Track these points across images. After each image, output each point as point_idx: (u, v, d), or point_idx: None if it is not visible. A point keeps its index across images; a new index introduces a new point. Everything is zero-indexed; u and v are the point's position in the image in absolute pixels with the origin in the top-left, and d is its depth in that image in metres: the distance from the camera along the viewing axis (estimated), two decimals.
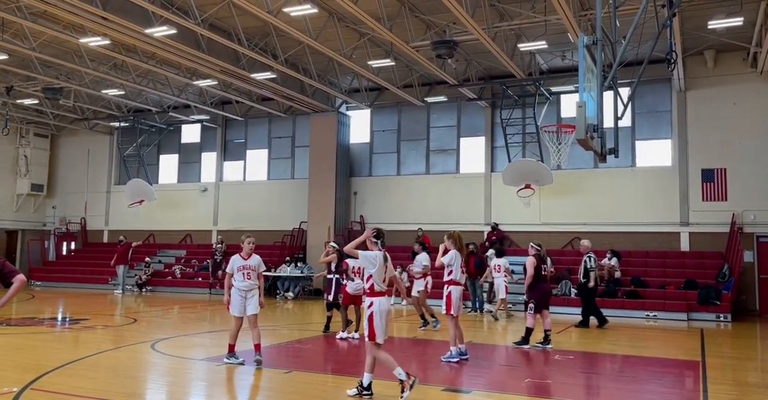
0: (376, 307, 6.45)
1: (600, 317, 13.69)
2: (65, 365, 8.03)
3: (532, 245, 10.76)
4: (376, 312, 6.43)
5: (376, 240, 6.69)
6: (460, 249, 8.93)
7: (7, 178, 27.59)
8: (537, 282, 10.44)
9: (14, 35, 17.05)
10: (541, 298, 10.50)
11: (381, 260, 6.57)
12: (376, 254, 6.60)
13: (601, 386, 7.58)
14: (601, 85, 8.95)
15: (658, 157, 19.52)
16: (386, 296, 6.63)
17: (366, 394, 6.42)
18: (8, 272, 4.91)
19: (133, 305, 17.78)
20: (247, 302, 8.24)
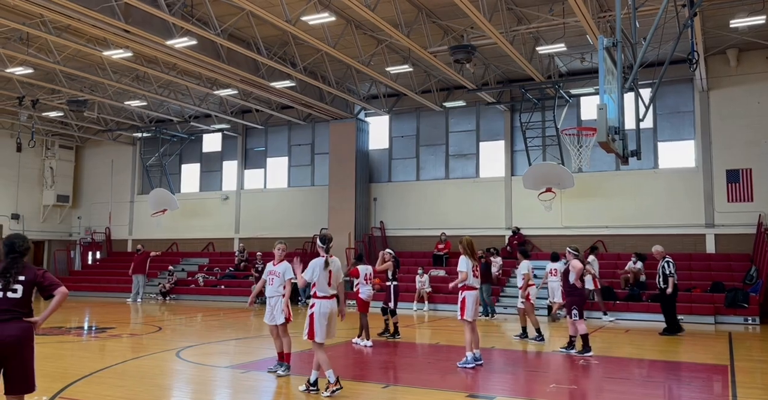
0: (317, 308, 6.91)
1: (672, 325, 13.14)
2: (93, 373, 8.14)
3: (569, 250, 10.58)
4: (317, 313, 6.90)
5: (322, 245, 7.16)
6: (472, 255, 8.90)
7: (33, 189, 28.11)
8: (576, 287, 10.31)
9: (39, 49, 17.41)
10: (582, 303, 10.36)
11: (321, 265, 6.99)
12: (317, 260, 7.06)
13: (628, 391, 7.47)
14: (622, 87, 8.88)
15: (681, 158, 19.28)
16: (332, 300, 7.03)
17: (312, 390, 6.92)
18: (48, 285, 4.79)
19: (158, 314, 17.96)
20: (273, 310, 8.20)
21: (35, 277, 4.76)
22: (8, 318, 4.58)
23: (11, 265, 4.70)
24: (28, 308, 4.73)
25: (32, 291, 4.77)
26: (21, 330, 4.60)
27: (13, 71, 18.40)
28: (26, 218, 27.32)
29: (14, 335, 4.54)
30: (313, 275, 6.99)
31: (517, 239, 20.38)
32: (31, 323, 4.69)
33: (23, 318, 4.66)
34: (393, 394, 7.22)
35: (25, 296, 4.70)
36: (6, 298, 4.61)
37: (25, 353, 4.60)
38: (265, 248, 24.65)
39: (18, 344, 4.55)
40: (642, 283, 17.43)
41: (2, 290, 4.62)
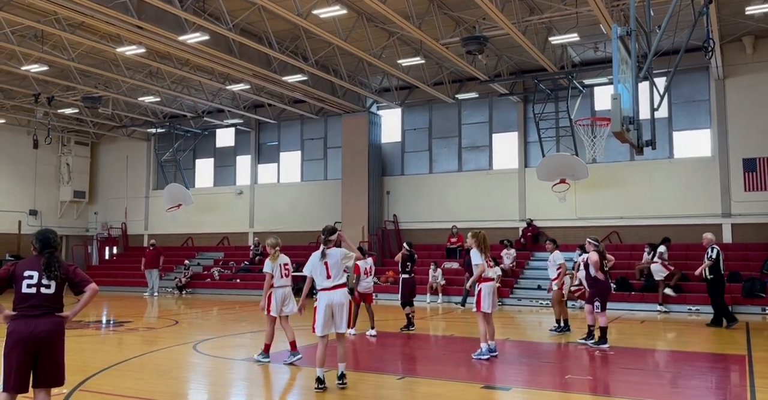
0: (318, 301, 6.95)
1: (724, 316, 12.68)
2: (111, 366, 8.26)
3: (589, 241, 10.41)
4: (318, 306, 6.91)
5: (322, 236, 7.17)
6: (485, 248, 8.90)
7: (50, 186, 28.44)
8: (598, 279, 10.24)
9: (54, 47, 17.56)
10: (605, 295, 10.27)
11: (318, 257, 7.02)
12: (314, 252, 7.13)
13: (644, 382, 7.45)
14: (636, 76, 8.80)
15: (696, 147, 19.09)
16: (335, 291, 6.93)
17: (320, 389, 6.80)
18: (80, 281, 4.86)
19: (174, 308, 18.14)
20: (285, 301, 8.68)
21: (67, 273, 4.83)
22: (41, 313, 4.66)
23: (51, 260, 4.76)
24: (60, 303, 4.80)
25: (64, 286, 4.84)
26: (53, 325, 4.69)
27: (29, 69, 18.58)
28: (44, 214, 27.67)
29: (47, 330, 4.63)
30: (311, 268, 7.03)
31: (530, 230, 20.32)
32: (62, 318, 4.77)
33: (55, 313, 4.74)
34: (408, 385, 7.26)
35: (58, 292, 4.77)
36: (39, 293, 4.68)
37: (56, 347, 4.70)
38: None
39: (50, 339, 4.65)
40: None
41: (36, 286, 4.68)
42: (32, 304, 4.66)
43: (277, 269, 8.60)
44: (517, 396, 6.85)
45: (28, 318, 4.64)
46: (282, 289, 8.62)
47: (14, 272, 4.73)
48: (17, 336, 4.59)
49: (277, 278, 8.59)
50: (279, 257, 8.64)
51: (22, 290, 4.68)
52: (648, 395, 6.70)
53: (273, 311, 8.50)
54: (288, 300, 8.64)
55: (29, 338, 4.58)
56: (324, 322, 6.84)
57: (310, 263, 7.04)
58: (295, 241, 24.41)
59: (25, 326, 4.61)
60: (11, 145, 26.73)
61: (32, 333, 4.59)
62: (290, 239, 24.66)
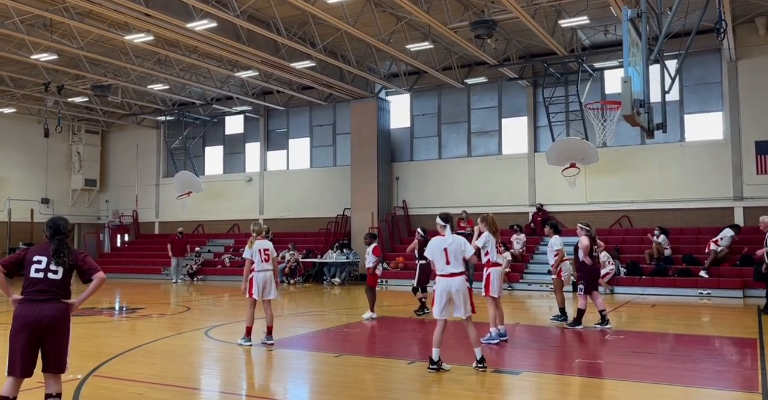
0: (437, 286, 7.06)
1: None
2: (125, 352, 8.37)
3: (581, 226, 10.36)
4: (436, 291, 7.05)
5: (444, 224, 7.21)
6: (495, 232, 8.91)
7: (62, 174, 28.65)
8: (585, 263, 10.26)
9: (62, 35, 17.59)
10: (592, 279, 10.31)
11: (439, 243, 7.10)
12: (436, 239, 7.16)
13: (655, 365, 7.46)
14: (647, 59, 8.72)
15: (708, 130, 18.91)
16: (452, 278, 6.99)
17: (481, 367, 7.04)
18: (88, 269, 4.88)
19: (186, 294, 18.31)
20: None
21: (76, 260, 4.86)
22: (47, 298, 4.70)
23: (61, 246, 4.81)
24: (66, 289, 4.83)
25: (72, 274, 4.88)
26: (58, 310, 4.72)
27: (39, 58, 18.63)
28: (56, 202, 27.89)
29: (52, 315, 4.67)
30: (431, 252, 7.13)
31: (541, 215, 20.27)
32: (68, 305, 4.81)
33: (61, 299, 4.78)
34: (418, 370, 7.30)
35: (65, 278, 4.80)
36: (47, 279, 4.73)
37: (60, 334, 4.72)
38: (289, 228, 24.92)
39: (54, 324, 4.67)
40: (668, 257, 17.26)
41: (44, 271, 4.73)
42: (39, 289, 4.71)
43: (257, 254, 8.78)
44: (528, 380, 6.89)
45: (33, 302, 4.68)
46: (263, 273, 8.83)
47: (24, 257, 4.80)
48: (22, 320, 4.64)
49: (257, 262, 8.80)
50: (255, 243, 8.85)
51: (30, 274, 4.74)
52: (659, 378, 6.72)
53: (255, 294, 8.78)
54: (269, 284, 8.85)
55: (34, 323, 4.62)
56: (442, 306, 6.99)
57: (431, 247, 7.14)
58: (305, 227, 24.55)
59: (30, 310, 4.65)
60: (22, 134, 26.90)
61: (37, 318, 4.63)
62: (300, 226, 24.83)
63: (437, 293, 7.03)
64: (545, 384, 6.77)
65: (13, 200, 26.15)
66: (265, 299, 8.89)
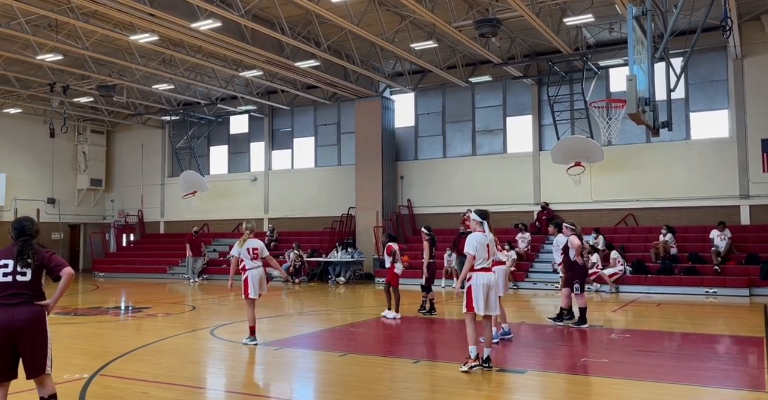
0: (473, 281, 6.99)
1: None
2: (131, 351, 8.39)
3: (566, 225, 10.37)
4: (474, 285, 6.97)
5: (481, 220, 7.26)
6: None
7: (68, 174, 28.75)
8: (576, 262, 10.30)
9: (68, 36, 17.64)
10: (583, 277, 10.41)
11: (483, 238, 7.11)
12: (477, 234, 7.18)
13: (661, 364, 7.44)
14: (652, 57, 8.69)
15: (714, 128, 18.83)
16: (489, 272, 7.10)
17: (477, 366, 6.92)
18: (54, 266, 4.70)
19: (191, 293, 18.35)
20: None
21: (42, 259, 4.70)
22: (19, 302, 4.55)
23: (24, 248, 4.65)
24: (38, 290, 4.68)
25: (42, 274, 4.72)
26: (31, 313, 4.56)
27: (44, 58, 18.69)
28: (62, 202, 27.99)
29: (24, 319, 4.52)
30: (476, 247, 7.05)
31: (546, 214, 20.23)
32: (42, 306, 4.66)
33: (34, 302, 4.62)
34: (423, 369, 7.31)
35: (35, 279, 4.65)
36: (16, 281, 4.57)
37: (36, 337, 4.57)
38: (294, 227, 24.95)
39: (28, 328, 4.53)
40: (674, 256, 17.22)
41: (12, 274, 4.58)
42: (10, 293, 4.56)
43: (245, 252, 8.83)
44: (533, 379, 6.88)
45: (5, 307, 4.53)
46: (255, 270, 8.87)
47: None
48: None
49: (248, 261, 8.84)
50: (246, 242, 8.88)
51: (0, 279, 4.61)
52: (665, 377, 6.70)
53: (251, 294, 8.84)
54: (263, 280, 8.92)
55: (7, 327, 4.48)
56: (483, 301, 6.93)
57: (474, 243, 7.05)
58: (310, 226, 24.56)
59: (3, 314, 4.51)
60: (28, 134, 27.00)
61: (9, 322, 4.49)
62: (305, 225, 24.85)
63: (476, 288, 6.96)
64: (551, 383, 6.76)
65: (20, 199, 26.24)
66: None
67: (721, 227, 16.81)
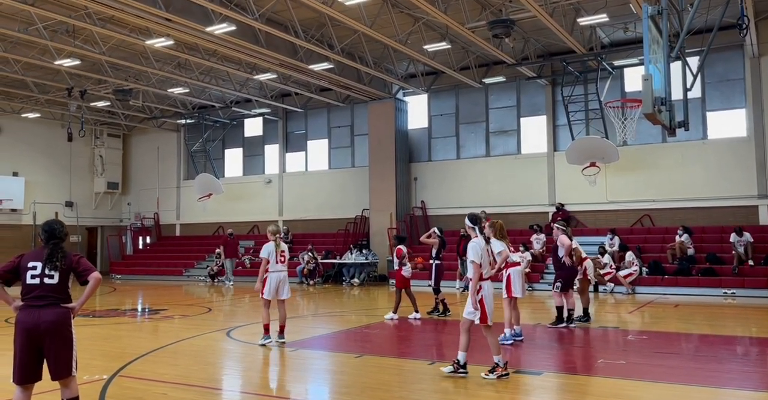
0: (486, 291, 6.71)
1: None
2: (148, 353, 8.47)
3: (557, 226, 10.40)
4: (487, 296, 6.72)
5: (473, 225, 6.92)
6: (502, 238, 8.76)
7: (85, 177, 29.07)
8: (564, 262, 10.29)
9: (85, 41, 17.86)
10: (569, 278, 10.40)
11: (484, 245, 6.79)
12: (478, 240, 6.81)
13: (679, 366, 7.38)
14: (668, 56, 8.63)
15: (731, 127, 18.64)
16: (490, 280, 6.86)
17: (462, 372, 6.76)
18: (83, 271, 4.77)
19: (207, 295, 18.47)
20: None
21: (71, 263, 4.77)
22: (45, 304, 4.62)
23: (54, 251, 4.72)
24: (65, 293, 4.75)
25: (69, 277, 4.79)
26: (57, 315, 4.63)
27: (62, 63, 18.93)
28: (79, 206, 28.32)
29: (50, 321, 4.59)
30: (481, 254, 6.71)
31: (561, 215, 20.11)
32: (68, 309, 4.73)
33: (60, 304, 4.69)
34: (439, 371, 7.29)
35: (62, 282, 4.71)
36: (43, 283, 4.65)
37: (60, 338, 4.63)
38: (308, 229, 25.03)
39: (54, 330, 4.60)
40: (691, 257, 17.05)
41: (40, 276, 4.66)
42: (37, 294, 4.64)
43: (274, 254, 8.91)
44: (550, 381, 6.85)
45: (32, 308, 4.62)
46: (277, 273, 8.95)
47: (20, 264, 4.72)
48: (21, 326, 4.60)
49: (273, 263, 8.91)
50: (280, 245, 9.01)
51: (27, 280, 4.67)
52: (683, 379, 6.65)
53: (267, 294, 8.91)
54: (283, 285, 8.97)
55: (32, 329, 4.57)
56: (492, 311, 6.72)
57: (477, 249, 6.69)
58: (324, 228, 24.63)
59: (29, 316, 4.60)
60: (47, 138, 27.35)
61: (35, 323, 4.57)
62: (319, 227, 24.92)
63: (489, 298, 6.74)
64: (567, 385, 6.73)
65: (38, 203, 26.58)
66: (280, 299, 9.00)
67: (738, 232, 16.54)
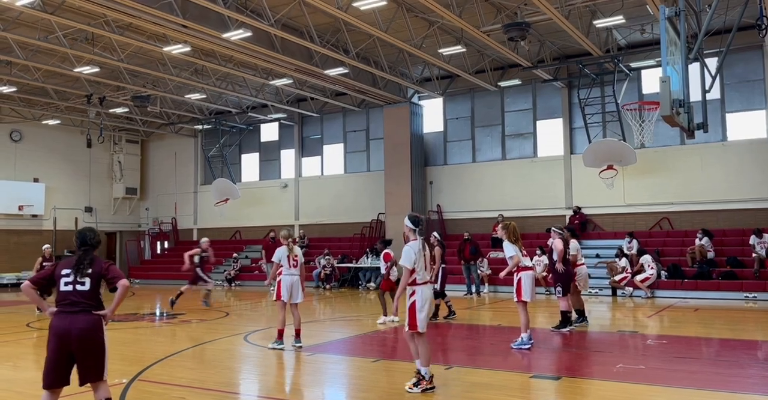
0: (419, 296, 6.37)
1: None
2: (167, 357, 8.53)
3: (554, 229, 10.38)
4: (419, 301, 6.36)
5: (415, 227, 6.55)
6: (515, 241, 8.85)
7: (104, 183, 29.42)
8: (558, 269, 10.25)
9: (104, 48, 18.10)
10: (567, 281, 10.37)
11: (419, 248, 6.40)
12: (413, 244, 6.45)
13: (699, 371, 7.29)
14: (686, 58, 8.55)
15: (751, 129, 18.41)
16: (430, 285, 6.56)
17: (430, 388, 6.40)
18: (112, 277, 4.90)
19: (224, 300, 18.57)
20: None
21: (101, 269, 4.89)
22: (77, 310, 4.74)
23: (83, 257, 4.86)
24: (96, 300, 4.86)
25: (100, 283, 4.90)
26: (88, 322, 4.74)
27: (81, 70, 19.20)
28: (98, 211, 28.64)
29: (81, 328, 4.70)
30: (414, 259, 6.33)
31: (578, 218, 19.99)
32: (99, 316, 4.83)
33: (92, 311, 4.80)
34: (457, 375, 7.27)
35: (93, 289, 4.83)
36: (76, 291, 4.78)
37: (91, 344, 4.73)
38: (324, 233, 25.08)
39: (85, 336, 4.70)
40: (711, 260, 16.84)
41: (72, 283, 4.79)
42: (70, 301, 4.76)
43: (286, 259, 9.00)
44: (567, 386, 6.79)
45: (65, 314, 4.74)
46: (290, 277, 9.02)
47: (54, 272, 4.86)
48: (54, 331, 4.72)
49: (286, 267, 9.00)
50: (293, 249, 9.10)
51: (61, 288, 4.80)
52: (703, 384, 6.56)
53: (284, 297, 8.96)
54: (296, 288, 9.03)
55: (64, 334, 4.68)
56: (427, 317, 6.40)
57: (410, 254, 6.33)
58: (340, 232, 24.67)
59: (61, 321, 4.72)
60: (67, 145, 27.73)
61: (67, 329, 4.68)
62: (335, 231, 24.96)
63: (422, 303, 6.32)
64: (585, 390, 6.67)
65: (59, 208, 26.92)
66: (293, 303, 9.05)
67: (758, 234, 16.34)
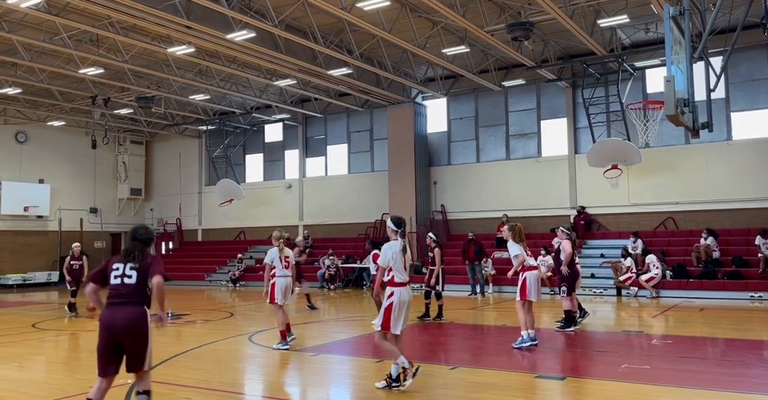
0: (396, 297, 6.38)
1: None
2: (172, 357, 8.54)
3: (562, 229, 10.39)
4: (396, 302, 6.36)
5: (397, 229, 6.63)
6: (520, 241, 8.87)
7: (109, 184, 29.50)
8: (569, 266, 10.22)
9: (108, 50, 18.16)
10: (573, 281, 10.36)
11: (398, 249, 6.46)
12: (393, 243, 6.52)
13: (704, 370, 7.26)
14: (691, 57, 8.53)
15: (756, 128, 18.35)
16: (408, 287, 6.53)
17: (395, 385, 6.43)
18: (152, 270, 5.03)
19: (229, 300, 18.60)
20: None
21: (147, 264, 5.05)
22: (124, 302, 4.91)
23: (131, 249, 5.05)
24: (143, 293, 5.01)
25: (146, 277, 5.03)
26: (133, 314, 4.89)
27: (86, 72, 19.27)
28: (103, 212, 28.72)
29: (126, 318, 4.86)
30: (390, 259, 6.40)
31: (582, 218, 19.96)
32: (144, 308, 4.97)
33: (138, 303, 4.94)
34: (462, 375, 7.27)
35: (140, 282, 4.97)
36: (123, 283, 4.94)
37: (136, 335, 4.87)
38: (328, 233, 25.10)
39: (129, 327, 4.85)
40: (716, 260, 16.79)
41: (121, 277, 4.96)
42: (118, 293, 4.94)
43: (278, 260, 9.13)
44: (573, 386, 6.78)
45: (113, 306, 4.92)
46: (284, 278, 9.16)
47: (107, 267, 5.05)
48: (102, 323, 4.90)
49: (279, 268, 9.13)
50: (284, 250, 9.22)
51: (111, 281, 4.99)
52: (709, 384, 6.54)
53: (278, 300, 9.08)
54: (289, 289, 9.20)
55: (110, 326, 4.85)
56: (401, 320, 6.36)
57: (389, 254, 6.41)
58: (344, 233, 24.69)
59: (109, 313, 4.90)
60: (71, 146, 27.82)
61: (113, 320, 4.85)
62: (339, 231, 24.98)
63: (398, 305, 6.31)
64: (590, 390, 6.65)
65: (64, 209, 27.01)
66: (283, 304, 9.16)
67: (763, 234, 16.28)
